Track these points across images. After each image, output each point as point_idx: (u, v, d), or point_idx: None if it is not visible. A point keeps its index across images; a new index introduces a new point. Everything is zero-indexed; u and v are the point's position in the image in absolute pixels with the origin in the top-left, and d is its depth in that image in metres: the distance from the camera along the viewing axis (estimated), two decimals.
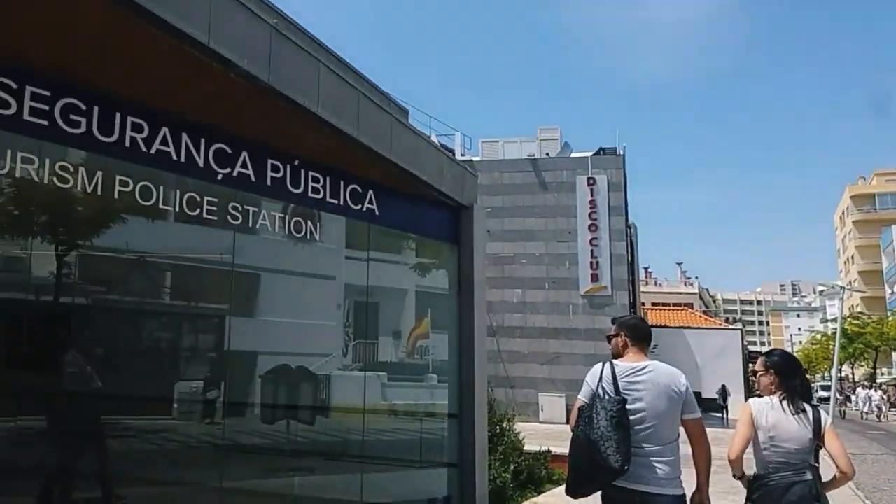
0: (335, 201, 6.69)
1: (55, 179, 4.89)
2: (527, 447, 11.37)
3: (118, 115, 5.08)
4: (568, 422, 4.05)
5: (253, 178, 5.98)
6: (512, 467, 10.07)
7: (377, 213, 7.14)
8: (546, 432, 19.59)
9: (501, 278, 27.03)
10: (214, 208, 5.82)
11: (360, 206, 6.97)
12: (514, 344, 27.14)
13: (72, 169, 4.97)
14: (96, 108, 4.95)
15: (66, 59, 4.65)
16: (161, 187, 5.48)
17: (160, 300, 16.97)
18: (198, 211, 5.71)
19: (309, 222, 6.82)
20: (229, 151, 5.79)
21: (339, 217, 7.97)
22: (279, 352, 13.64)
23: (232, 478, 8.41)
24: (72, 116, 4.83)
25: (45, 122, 4.69)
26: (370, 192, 7.03)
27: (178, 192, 5.59)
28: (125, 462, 11.48)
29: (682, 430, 3.97)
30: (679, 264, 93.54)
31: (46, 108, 4.69)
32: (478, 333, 8.25)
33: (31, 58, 4.55)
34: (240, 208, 6.03)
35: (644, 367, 3.89)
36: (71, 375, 7.15)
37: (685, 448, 4.00)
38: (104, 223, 14.56)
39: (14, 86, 4.54)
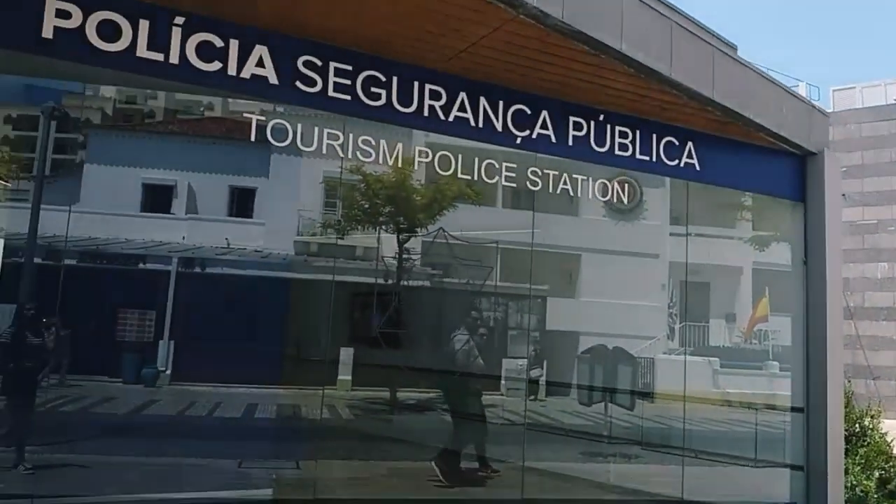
0: (646, 157, 5.95)
1: (358, 154, 4.96)
2: None
3: (416, 84, 5.02)
4: None
5: (553, 139, 5.55)
6: (877, 474, 8.39)
7: (698, 168, 6.22)
8: None
9: (861, 250, 23.27)
10: (513, 175, 5.51)
11: (676, 162, 6.13)
12: (878, 328, 23.23)
13: (373, 143, 5.01)
14: (395, 79, 4.93)
15: (363, 31, 4.67)
16: (459, 156, 5.33)
17: (489, 281, 17.59)
18: (496, 178, 5.45)
19: (616, 187, 6.17)
20: (528, 112, 5.44)
21: (660, 187, 7.18)
22: (600, 333, 13.18)
23: (551, 458, 8.21)
24: (373, 89, 4.86)
25: (348, 97, 4.77)
26: (689, 143, 6.14)
27: (476, 159, 5.39)
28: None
29: None
30: None
31: (349, 82, 4.78)
32: (831, 313, 6.86)
33: (331, 33, 4.65)
34: (539, 173, 5.63)
35: None
36: (463, 353, 7.49)
37: None
38: (438, 210, 15.38)
39: (319, 63, 4.68)
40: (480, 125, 5.24)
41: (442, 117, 5.10)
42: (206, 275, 17.23)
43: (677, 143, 6.10)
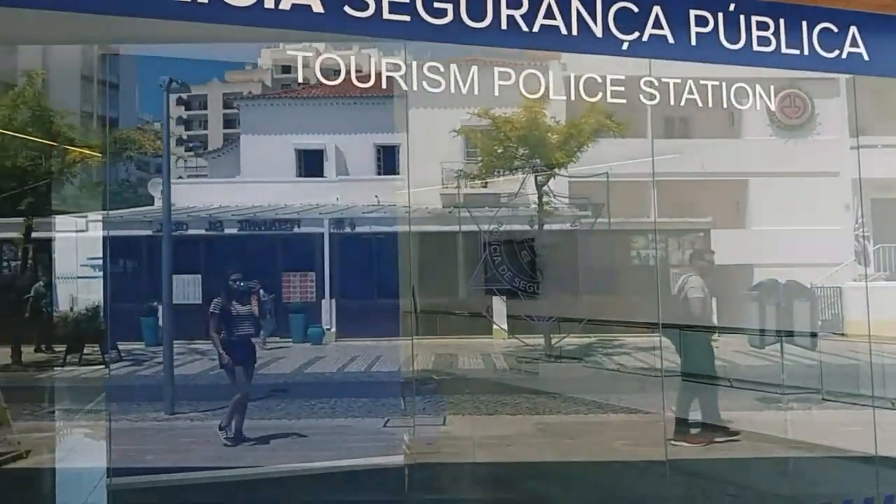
0: (795, 51, 4.70)
1: (425, 84, 4.23)
2: None
3: None
4: None
5: (671, 40, 4.48)
6: None
7: (867, 57, 4.86)
8: None
9: None
10: (621, 88, 4.53)
11: (836, 53, 4.81)
12: None
13: (442, 69, 4.25)
14: None
15: None
16: (549, 73, 4.47)
17: (646, 218, 16.36)
18: (599, 95, 4.51)
19: (758, 93, 4.96)
20: (634, 10, 4.41)
21: (834, 97, 5.84)
22: (775, 264, 11.84)
23: (723, 406, 7.28)
24: (436, 5, 4.09)
25: (408, 18, 4.05)
26: (851, 28, 4.80)
27: (572, 76, 4.48)
28: (612, 382, 11.09)
29: None
30: None
31: (407, 0, 4.05)
32: None
33: None
34: (655, 84, 4.61)
35: None
36: (698, 300, 6.58)
37: None
38: (576, 146, 14.31)
39: None
40: (575, 32, 4.31)
41: (525, 28, 4.23)
42: (357, 234, 17.47)
43: (835, 29, 4.77)
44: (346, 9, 3.93)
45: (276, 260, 17.76)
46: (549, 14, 4.26)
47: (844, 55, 4.81)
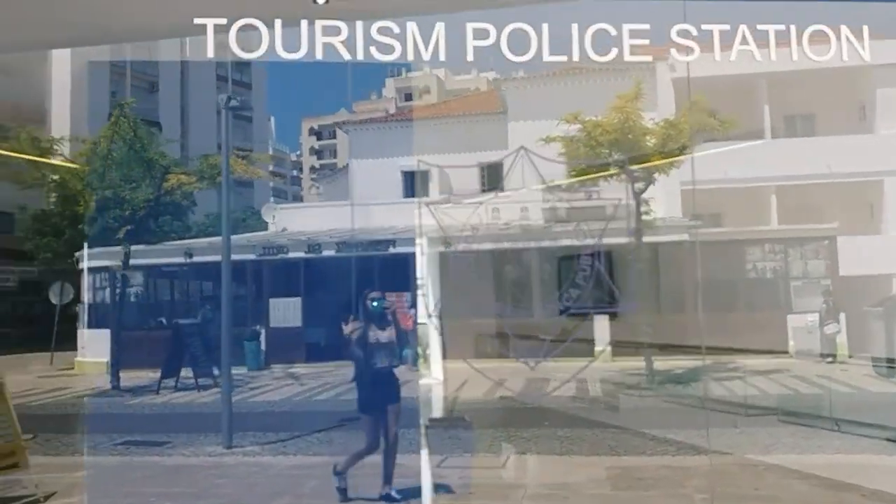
0: None
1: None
2: None
3: None
4: None
5: None
6: None
7: None
8: None
9: None
10: (644, 41, 3.30)
11: None
12: None
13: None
14: None
15: None
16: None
17: (765, 226, 14.42)
18: (614, 52, 3.31)
19: (844, 36, 3.52)
20: None
21: None
22: None
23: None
24: None
25: None
26: None
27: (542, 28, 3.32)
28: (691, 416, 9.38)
29: None
30: None
31: None
32: None
33: None
34: (692, 33, 3.33)
35: None
36: None
37: None
38: (678, 150, 12.67)
39: None
40: None
41: None
42: (452, 252, 16.56)
43: None
44: None
45: (373, 281, 17.20)
46: None
47: None
